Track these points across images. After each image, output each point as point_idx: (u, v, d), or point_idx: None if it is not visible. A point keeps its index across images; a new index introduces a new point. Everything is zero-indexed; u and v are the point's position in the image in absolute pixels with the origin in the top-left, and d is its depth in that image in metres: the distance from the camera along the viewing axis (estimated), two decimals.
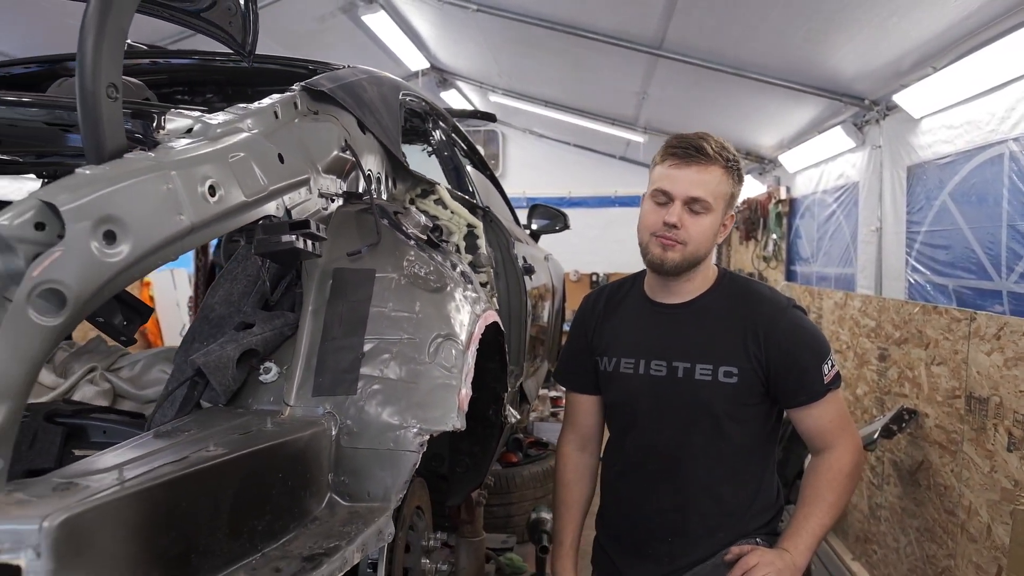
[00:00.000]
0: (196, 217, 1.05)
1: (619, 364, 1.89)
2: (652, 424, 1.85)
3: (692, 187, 1.71)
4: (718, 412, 1.78)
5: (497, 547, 2.91)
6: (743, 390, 1.76)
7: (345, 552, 1.09)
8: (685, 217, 1.73)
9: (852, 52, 4.36)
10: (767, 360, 1.75)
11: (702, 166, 1.71)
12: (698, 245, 1.75)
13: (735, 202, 1.82)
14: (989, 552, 2.86)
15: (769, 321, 1.76)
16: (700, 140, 1.73)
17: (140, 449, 1.02)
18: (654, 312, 1.88)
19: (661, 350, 1.83)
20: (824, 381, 1.75)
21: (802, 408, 1.78)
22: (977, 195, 3.79)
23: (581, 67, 6.54)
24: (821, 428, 1.79)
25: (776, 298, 1.83)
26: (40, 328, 0.85)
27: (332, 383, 1.27)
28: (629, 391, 1.88)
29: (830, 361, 1.77)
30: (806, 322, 1.82)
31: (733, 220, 1.85)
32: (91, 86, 0.99)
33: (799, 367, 1.75)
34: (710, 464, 1.80)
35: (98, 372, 1.90)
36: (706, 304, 1.83)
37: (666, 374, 1.82)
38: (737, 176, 1.78)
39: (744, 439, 1.81)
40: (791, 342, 1.75)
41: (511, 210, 3.78)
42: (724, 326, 1.79)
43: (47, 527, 0.75)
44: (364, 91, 1.86)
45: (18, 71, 2.08)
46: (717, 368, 1.77)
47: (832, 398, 1.77)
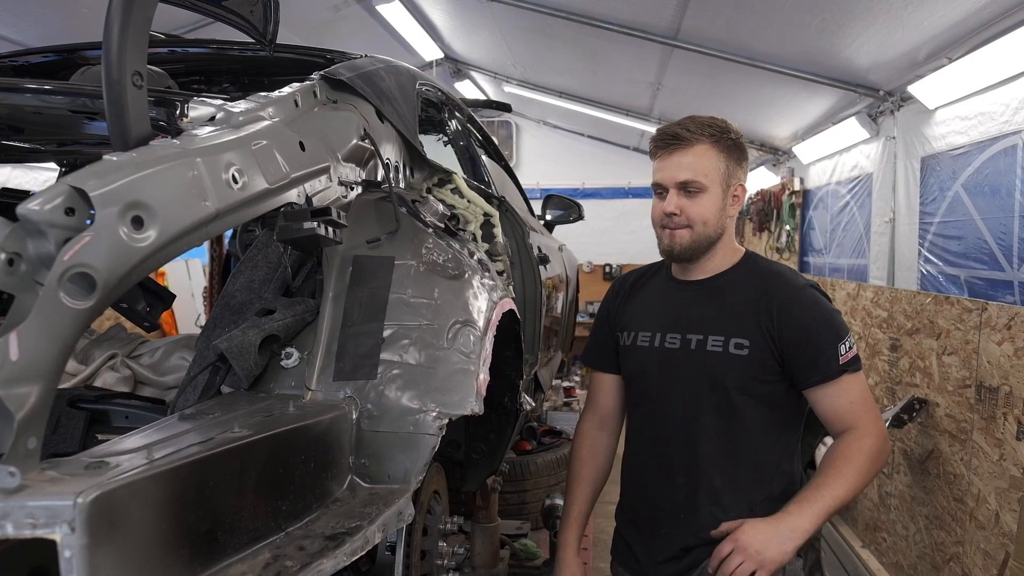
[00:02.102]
0: (220, 203, 1.07)
1: (636, 338, 1.90)
2: (664, 396, 1.85)
3: (678, 171, 1.74)
4: (728, 384, 1.76)
5: (512, 533, 2.94)
6: (754, 363, 1.74)
7: (366, 532, 1.12)
8: (682, 202, 1.75)
9: (867, 42, 4.34)
10: (780, 336, 1.73)
11: (684, 149, 1.73)
12: (704, 224, 1.76)
13: (740, 172, 1.80)
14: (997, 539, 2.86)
15: (784, 297, 1.75)
16: (676, 126, 1.76)
17: (166, 431, 1.05)
18: (675, 289, 1.89)
19: (677, 323, 1.84)
20: (840, 361, 1.71)
21: (817, 388, 1.74)
22: (990, 186, 3.77)
23: (596, 58, 6.52)
24: (838, 410, 1.74)
25: (794, 277, 1.83)
26: (71, 311, 0.87)
27: (353, 368, 1.29)
28: (643, 363, 1.89)
29: (847, 342, 1.73)
30: (822, 302, 1.79)
31: (745, 191, 1.84)
32: (117, 74, 1.01)
33: (813, 345, 1.72)
34: (721, 439, 1.78)
35: (119, 359, 1.93)
36: (726, 281, 1.83)
37: (679, 346, 1.82)
38: (730, 144, 1.76)
39: (757, 417, 1.78)
40: (806, 319, 1.73)
41: (525, 200, 3.79)
42: (740, 300, 1.79)
43: (81, 503, 0.77)
44: (382, 80, 1.87)
45: (36, 60, 2.10)
46: (729, 340, 1.76)
47: (850, 380, 1.73)
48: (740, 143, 1.80)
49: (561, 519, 2.04)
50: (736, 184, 1.80)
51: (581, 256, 8.01)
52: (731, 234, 1.85)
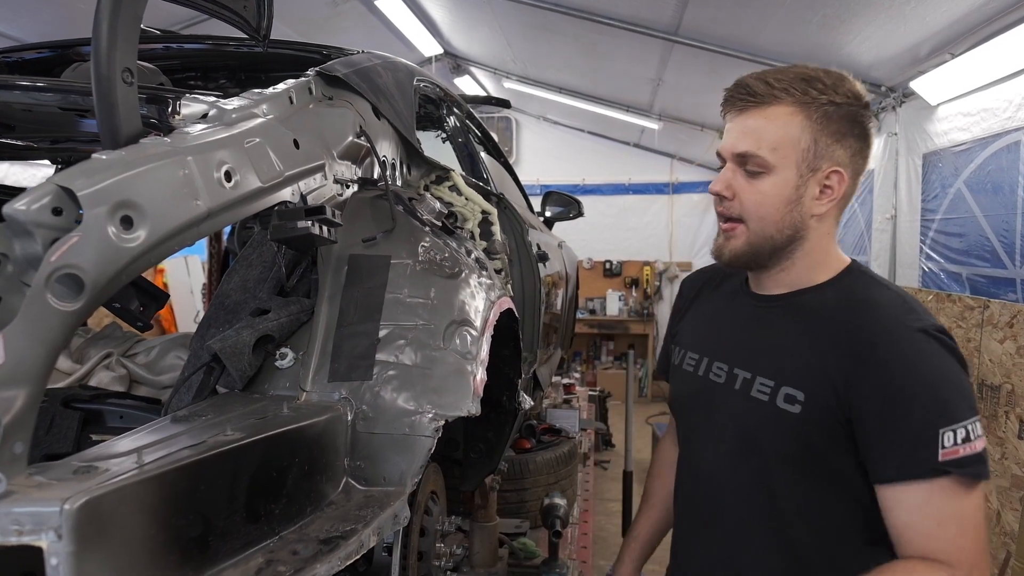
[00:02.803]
0: (212, 202, 1.05)
1: (684, 358, 1.50)
2: (696, 441, 1.46)
3: (739, 139, 1.27)
4: (767, 450, 1.28)
5: (510, 532, 2.92)
6: (809, 428, 1.23)
7: (361, 535, 1.10)
8: (738, 183, 1.29)
9: (869, 38, 4.32)
10: (853, 396, 1.19)
11: (756, 109, 1.25)
12: (760, 220, 1.28)
13: (839, 151, 1.25)
14: (998, 538, 2.86)
15: (874, 340, 1.19)
16: (755, 76, 1.28)
17: (158, 433, 1.03)
18: (743, 302, 1.43)
19: (728, 350, 1.40)
20: (938, 455, 1.12)
21: (891, 487, 1.17)
22: (992, 183, 3.75)
23: (596, 53, 6.50)
24: (918, 530, 1.16)
25: (901, 311, 1.22)
26: (59, 313, 0.86)
27: (348, 369, 1.28)
28: (683, 393, 1.52)
29: (962, 430, 1.13)
30: (939, 358, 1.17)
31: (844, 180, 1.26)
32: (106, 71, 1.00)
33: (899, 421, 1.15)
34: (756, 522, 1.31)
35: (114, 358, 1.91)
36: (804, 302, 1.31)
37: (724, 381, 1.38)
38: (828, 111, 1.24)
39: (809, 503, 1.26)
40: (898, 379, 1.16)
41: (525, 197, 3.78)
42: (810, 332, 1.27)
43: (68, 509, 0.76)
44: (379, 76, 1.85)
45: (30, 56, 2.08)
46: (779, 388, 1.26)
47: (951, 489, 1.13)
48: (851, 111, 1.25)
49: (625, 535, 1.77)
50: (829, 168, 1.26)
51: (581, 253, 8.00)
52: (823, 239, 1.32)
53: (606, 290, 9.70)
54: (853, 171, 1.28)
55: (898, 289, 1.31)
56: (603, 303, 9.67)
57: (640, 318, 9.54)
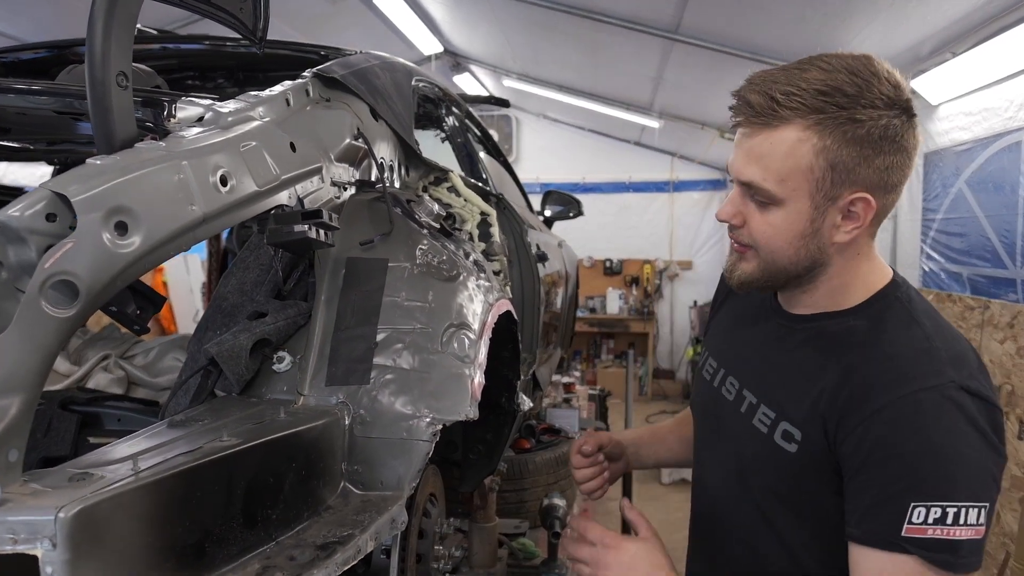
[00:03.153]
0: (208, 207, 1.05)
1: (706, 362, 1.43)
2: (707, 455, 1.40)
3: (743, 165, 1.12)
4: (759, 483, 1.22)
5: (510, 532, 2.92)
6: (802, 470, 1.15)
7: (358, 540, 1.10)
8: (749, 209, 1.15)
9: (870, 37, 4.30)
10: (836, 443, 1.10)
11: (761, 130, 1.08)
12: (771, 252, 1.14)
13: (862, 173, 1.07)
14: (997, 538, 2.86)
15: (868, 387, 1.07)
16: (768, 84, 1.07)
17: (154, 439, 1.03)
18: (766, 315, 1.32)
19: (743, 367, 1.31)
20: (902, 528, 1.00)
21: (853, 546, 1.08)
22: (994, 183, 3.75)
23: (596, 52, 6.49)
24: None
25: (914, 359, 1.07)
26: (53, 320, 0.86)
27: (345, 373, 1.27)
28: (700, 401, 1.45)
29: (938, 509, 0.99)
30: (944, 425, 1.02)
31: (870, 205, 1.09)
32: (101, 74, 0.99)
33: (870, 479, 1.05)
34: (752, 552, 1.25)
35: (112, 359, 1.92)
36: (824, 327, 1.19)
37: (733, 399, 1.30)
38: (847, 131, 1.04)
39: (810, 549, 1.18)
40: (881, 435, 1.04)
41: (524, 196, 3.77)
42: (818, 366, 1.15)
43: (63, 518, 0.76)
44: (377, 77, 1.85)
45: (27, 56, 2.07)
46: (778, 422, 1.18)
47: (908, 568, 1.01)
48: (881, 126, 1.05)
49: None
50: (851, 195, 1.08)
51: (581, 251, 7.98)
52: (851, 261, 1.16)
53: (606, 288, 9.69)
54: (886, 189, 1.10)
55: (931, 328, 1.13)
56: (603, 302, 9.66)
57: (640, 317, 9.53)
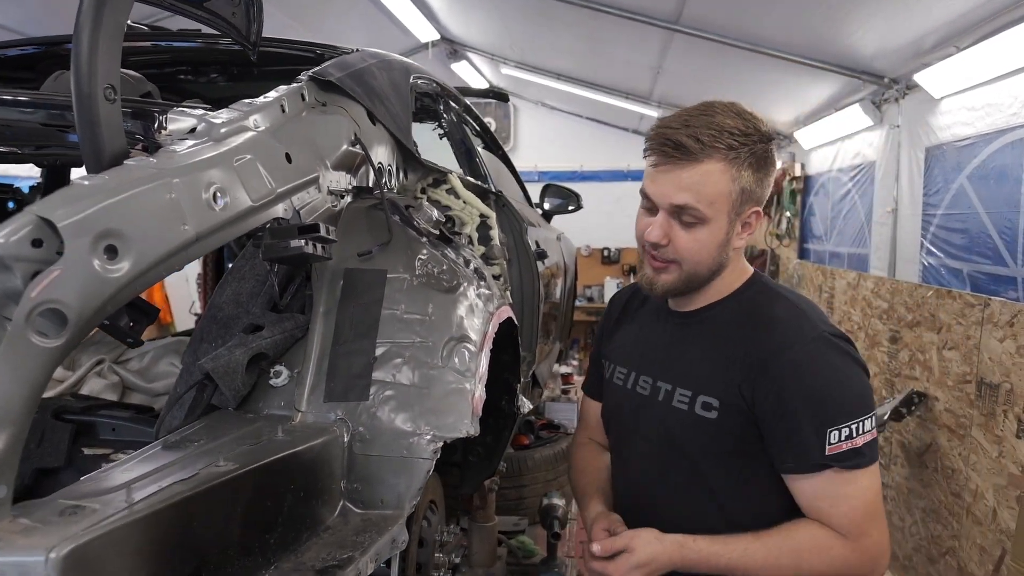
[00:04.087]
0: (200, 226, 1.02)
1: (614, 372, 1.64)
2: (629, 449, 1.59)
3: (674, 192, 1.35)
4: (694, 452, 1.44)
5: (509, 529, 2.91)
6: (725, 432, 1.40)
7: (359, 564, 1.08)
8: (674, 230, 1.39)
9: (872, 29, 4.26)
10: (754, 401, 1.37)
11: (687, 164, 1.34)
12: (696, 263, 1.41)
13: (759, 193, 1.40)
14: (994, 535, 2.86)
15: (770, 348, 1.36)
16: (683, 132, 1.34)
17: (148, 463, 1.00)
18: (663, 319, 1.58)
19: (652, 364, 1.55)
20: (824, 449, 1.31)
21: (789, 477, 1.38)
22: (996, 179, 3.72)
23: (595, 40, 6.43)
24: (815, 510, 1.37)
25: (798, 320, 1.39)
26: (41, 350, 0.83)
27: (344, 389, 1.25)
28: (614, 406, 1.65)
29: (849, 427, 1.31)
30: (832, 364, 1.35)
31: (760, 217, 1.43)
32: (87, 88, 0.95)
33: (789, 421, 1.34)
34: (693, 519, 1.43)
35: (106, 365, 1.88)
36: (714, 315, 1.49)
37: (649, 393, 1.53)
38: (752, 161, 1.36)
39: (741, 500, 1.43)
40: (788, 384, 1.34)
41: (523, 189, 3.75)
42: (718, 345, 1.43)
43: (54, 559, 0.73)
44: (374, 78, 1.81)
45: (13, 53, 2.03)
46: (696, 396, 1.43)
47: (838, 478, 1.33)
48: (766, 154, 1.39)
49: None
50: (750, 210, 1.41)
51: (579, 239, 7.95)
52: (734, 260, 1.48)
53: (604, 277, 9.66)
54: (764, 202, 1.43)
55: (794, 297, 1.47)
56: (601, 290, 9.64)
57: None
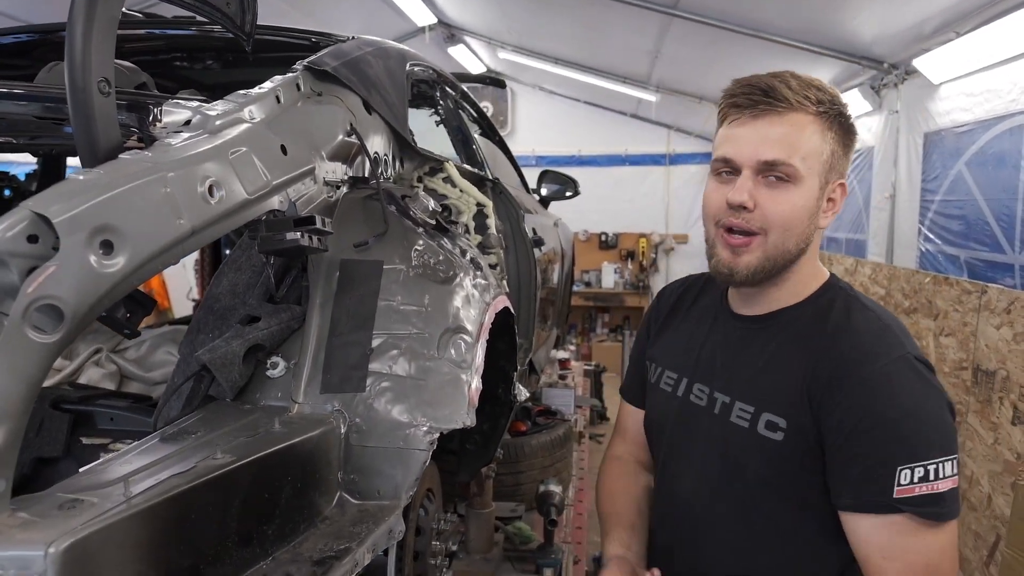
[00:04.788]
0: (196, 220, 1.02)
1: (662, 377, 1.47)
2: (674, 464, 1.42)
3: (764, 146, 1.20)
4: (751, 477, 1.26)
5: (506, 516, 2.92)
6: (791, 455, 1.22)
7: (356, 554, 1.09)
8: (761, 192, 1.21)
9: (872, 15, 4.24)
10: (822, 420, 1.19)
11: (778, 115, 1.20)
12: (783, 234, 1.22)
13: (845, 165, 1.27)
14: (989, 521, 2.88)
15: (843, 364, 1.18)
16: (771, 77, 1.21)
17: (146, 456, 1.01)
18: (722, 321, 1.40)
19: (708, 372, 1.37)
20: (892, 492, 1.11)
21: (845, 513, 1.19)
22: (994, 166, 3.72)
23: (593, 25, 6.39)
24: (865, 558, 1.18)
25: (878, 337, 1.20)
26: (38, 346, 0.83)
27: (341, 380, 1.25)
28: (660, 415, 1.47)
29: (921, 468, 1.11)
30: (911, 391, 1.15)
31: (845, 194, 1.28)
32: (81, 82, 0.95)
33: (857, 452, 1.15)
34: (736, 540, 1.30)
35: (104, 354, 1.88)
36: (785, 321, 1.29)
37: (705, 404, 1.35)
38: (841, 124, 1.24)
39: (791, 525, 1.26)
40: (861, 404, 1.15)
41: (520, 175, 3.74)
42: (787, 356, 1.25)
43: (53, 553, 0.74)
44: (369, 67, 1.80)
45: (7, 41, 2.01)
46: (760, 414, 1.25)
47: (898, 525, 1.13)
48: (850, 123, 1.27)
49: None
50: (836, 182, 1.26)
51: (577, 224, 7.94)
52: (814, 252, 1.31)
53: (602, 262, 9.67)
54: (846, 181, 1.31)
55: (878, 310, 1.29)
56: (599, 275, 9.65)
57: (636, 290, 9.52)
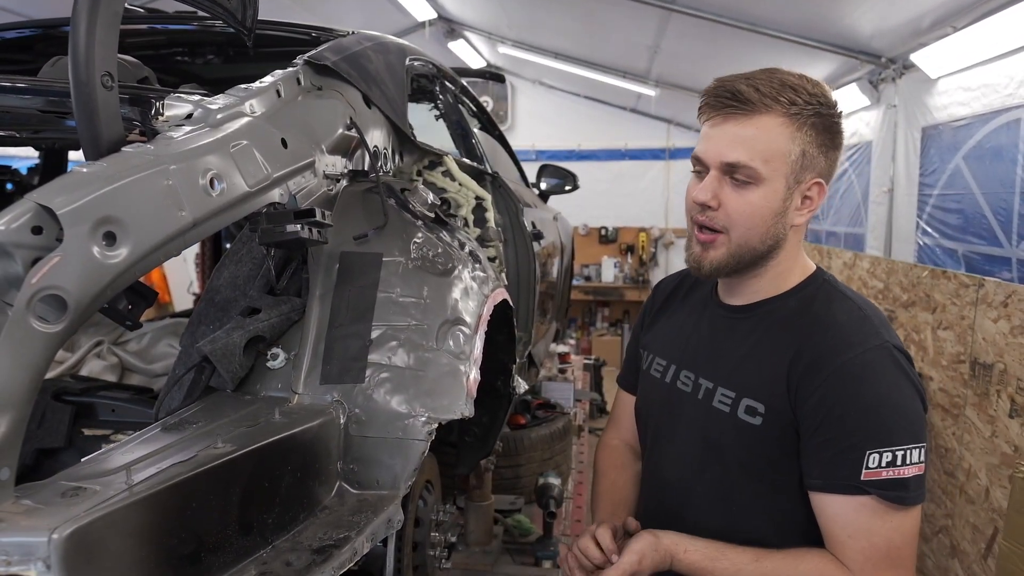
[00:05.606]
0: (198, 212, 1.03)
1: (652, 363, 1.52)
2: (660, 448, 1.47)
3: (728, 147, 1.23)
4: (729, 459, 1.31)
5: (505, 508, 2.94)
6: (769, 440, 1.26)
7: (355, 543, 1.10)
8: (725, 193, 1.25)
9: (870, 9, 4.24)
10: (797, 405, 1.23)
11: (744, 117, 1.22)
12: (746, 231, 1.25)
13: (821, 162, 1.26)
14: (986, 514, 2.90)
15: (822, 352, 1.22)
16: (742, 80, 1.24)
17: (147, 445, 1.02)
18: (711, 311, 1.45)
19: (695, 359, 1.42)
20: (860, 474, 1.16)
21: (815, 493, 1.23)
22: (991, 160, 3.72)
23: (592, 20, 6.39)
24: (831, 536, 1.23)
25: (857, 326, 1.24)
26: (42, 335, 0.84)
27: (340, 371, 1.27)
28: (649, 400, 1.53)
29: (889, 454, 1.16)
30: (887, 378, 1.19)
31: (823, 191, 1.28)
32: (85, 76, 0.96)
33: (827, 431, 1.19)
34: (718, 529, 1.31)
35: (105, 346, 1.90)
36: (767, 311, 1.34)
37: (690, 390, 1.40)
38: (815, 122, 1.23)
39: (765, 515, 1.30)
40: (836, 391, 1.19)
41: (519, 169, 3.74)
42: (769, 345, 1.30)
43: (56, 539, 0.75)
44: (369, 62, 1.81)
45: (11, 35, 2.02)
46: (740, 399, 1.29)
47: (865, 507, 1.18)
48: (832, 122, 1.26)
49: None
50: (811, 181, 1.26)
51: (577, 219, 7.95)
52: (794, 247, 1.33)
53: (601, 257, 9.67)
54: (829, 181, 1.30)
55: (859, 301, 1.32)
56: (598, 270, 9.65)
57: (635, 285, 9.53)
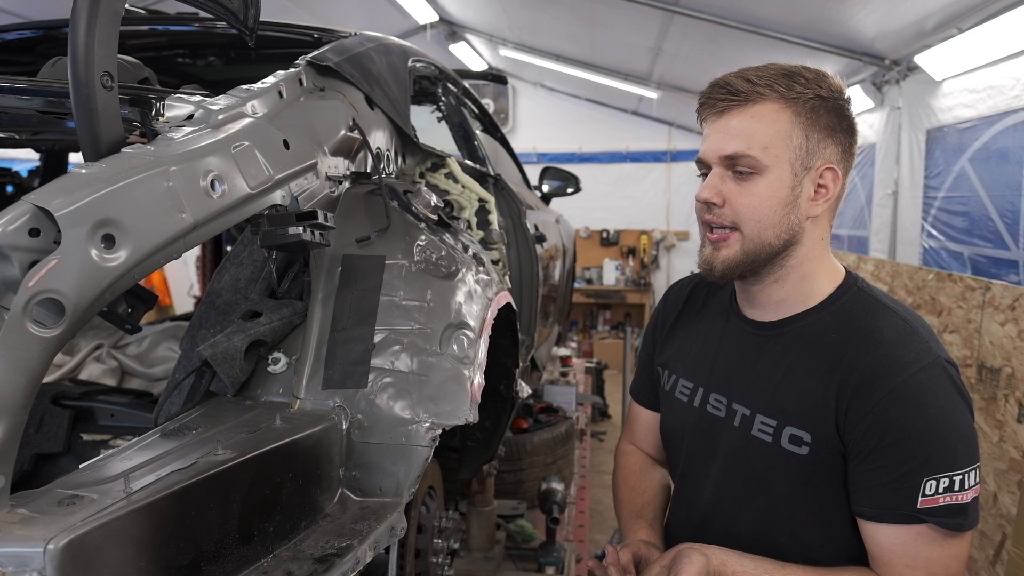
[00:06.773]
0: (198, 214, 1.01)
1: (677, 385, 1.41)
2: (694, 476, 1.36)
3: (724, 141, 1.18)
4: (776, 490, 1.22)
5: (508, 514, 2.92)
6: (818, 469, 1.18)
7: (357, 552, 1.08)
8: (727, 188, 1.19)
9: (874, 11, 4.22)
10: (847, 429, 1.14)
11: (739, 108, 1.17)
12: (758, 226, 1.18)
13: (831, 148, 1.18)
14: (995, 520, 2.87)
15: (874, 372, 1.12)
16: (734, 75, 1.19)
17: (146, 452, 1.00)
18: (734, 326, 1.34)
19: (726, 382, 1.31)
20: (916, 502, 1.09)
21: (866, 522, 1.16)
22: (997, 162, 3.70)
23: (594, 22, 6.38)
24: (885, 565, 1.15)
25: (907, 342, 1.15)
26: (39, 339, 0.83)
27: (342, 376, 1.25)
28: (678, 425, 1.41)
29: (946, 479, 1.08)
30: (939, 400, 1.11)
31: (839, 179, 1.20)
32: (84, 76, 0.95)
33: (882, 461, 1.11)
34: (766, 556, 1.22)
35: (104, 349, 1.88)
36: (802, 328, 1.23)
37: (724, 416, 1.30)
38: (814, 105, 1.17)
39: (823, 540, 1.22)
40: (890, 414, 1.10)
41: (521, 171, 3.73)
42: (809, 366, 1.20)
43: (52, 549, 0.74)
44: (372, 63, 1.79)
45: (12, 37, 2.01)
46: (783, 428, 1.20)
47: (923, 535, 1.11)
48: (836, 104, 1.18)
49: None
50: (822, 166, 1.18)
51: (578, 221, 7.93)
52: (817, 244, 1.23)
53: (603, 259, 9.66)
54: (845, 168, 1.21)
55: (901, 310, 1.22)
56: (600, 272, 9.64)
57: (637, 287, 9.51)
